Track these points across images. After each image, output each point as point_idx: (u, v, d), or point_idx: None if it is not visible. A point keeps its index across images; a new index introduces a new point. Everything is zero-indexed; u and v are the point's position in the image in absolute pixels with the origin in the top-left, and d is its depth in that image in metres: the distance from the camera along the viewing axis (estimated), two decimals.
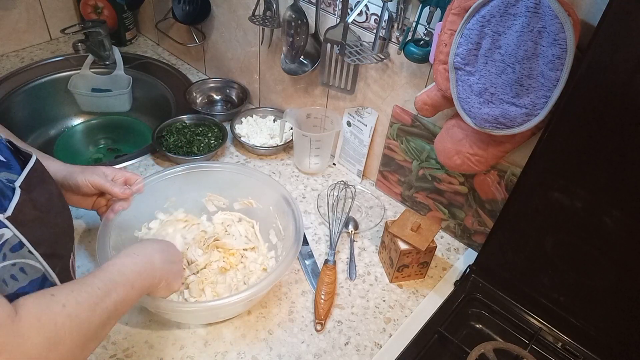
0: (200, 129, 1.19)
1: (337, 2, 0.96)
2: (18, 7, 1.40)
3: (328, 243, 0.98)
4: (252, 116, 1.25)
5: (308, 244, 0.98)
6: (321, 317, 0.83)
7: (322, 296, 0.86)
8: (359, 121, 1.08)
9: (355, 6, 0.91)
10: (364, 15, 0.93)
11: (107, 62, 1.41)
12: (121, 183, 0.83)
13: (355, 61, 0.93)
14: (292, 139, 1.16)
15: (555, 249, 0.80)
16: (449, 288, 0.92)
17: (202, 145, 1.15)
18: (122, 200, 0.82)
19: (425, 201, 1.04)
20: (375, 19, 0.92)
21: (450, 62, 0.74)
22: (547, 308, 0.85)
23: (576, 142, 0.69)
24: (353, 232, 1.00)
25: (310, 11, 1.01)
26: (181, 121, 1.20)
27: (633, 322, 0.76)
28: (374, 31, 0.91)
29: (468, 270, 0.93)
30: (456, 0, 0.72)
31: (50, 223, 0.57)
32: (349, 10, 0.93)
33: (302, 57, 1.07)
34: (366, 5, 0.91)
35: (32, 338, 0.47)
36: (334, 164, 1.20)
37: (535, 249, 0.82)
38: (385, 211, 1.08)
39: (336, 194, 1.06)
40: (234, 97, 1.36)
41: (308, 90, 1.16)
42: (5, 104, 1.28)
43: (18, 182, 0.54)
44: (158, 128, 1.16)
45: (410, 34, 0.85)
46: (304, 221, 1.00)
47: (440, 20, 0.77)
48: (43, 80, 1.37)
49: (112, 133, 1.44)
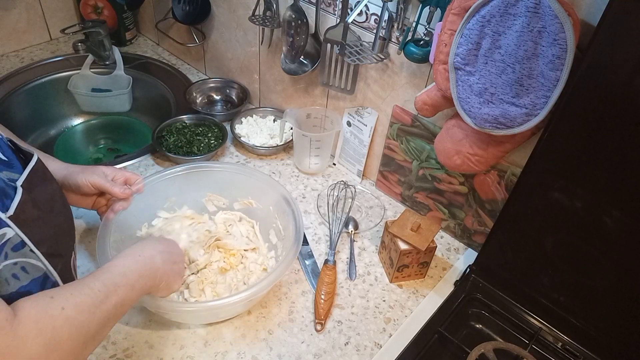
0: (200, 129, 1.19)
1: (337, 2, 0.96)
2: (18, 7, 1.40)
3: (328, 243, 0.98)
4: (252, 116, 1.25)
5: (308, 244, 0.98)
6: (321, 317, 0.84)
7: (322, 296, 0.86)
8: (359, 121, 1.08)
9: (355, 6, 0.91)
10: (364, 15, 0.93)
11: (107, 62, 1.41)
12: (121, 183, 0.83)
13: (355, 61, 0.93)
14: (292, 139, 1.16)
15: (555, 249, 0.80)
16: (449, 288, 0.92)
17: (202, 145, 1.15)
18: (122, 200, 0.82)
19: (425, 201, 1.04)
20: (375, 19, 0.92)
21: (450, 62, 0.74)
22: (547, 308, 0.85)
23: (576, 142, 0.69)
24: (353, 232, 1.00)
25: (310, 11, 1.01)
26: (181, 121, 1.20)
27: (633, 322, 0.76)
28: (374, 31, 0.91)
29: (468, 270, 0.93)
30: (456, 0, 0.72)
31: (51, 222, 0.57)
32: (349, 10, 0.93)
33: (302, 57, 1.07)
34: (366, 5, 0.91)
35: (30, 342, 0.47)
36: (334, 164, 1.20)
37: (535, 249, 0.82)
38: (385, 211, 1.08)
39: (336, 194, 1.06)
40: (234, 97, 1.36)
41: (308, 90, 1.16)
42: (5, 104, 1.29)
43: (20, 181, 0.54)
44: (158, 128, 1.16)
45: (410, 34, 0.85)
46: (304, 221, 1.00)
47: (440, 20, 0.77)
48: (43, 80, 1.37)
49: (112, 133, 1.44)
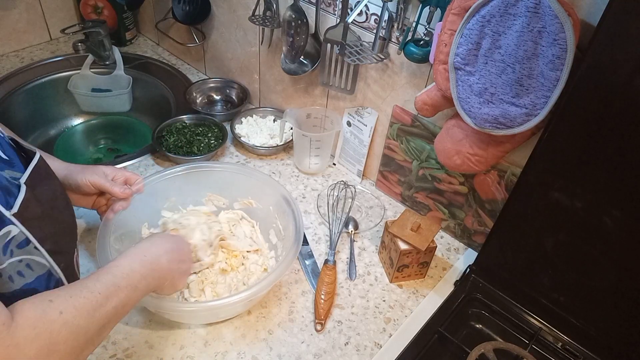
0: (200, 129, 1.19)
1: (337, 2, 0.96)
2: (18, 7, 1.40)
3: (328, 243, 0.98)
4: (252, 116, 1.25)
5: (308, 244, 0.98)
6: (321, 317, 0.83)
7: (322, 296, 0.86)
8: (359, 121, 1.08)
9: (355, 6, 0.91)
10: (364, 15, 0.93)
11: (107, 62, 1.41)
12: (121, 183, 0.83)
13: (355, 61, 0.93)
14: (292, 139, 1.16)
15: (555, 249, 0.80)
16: (449, 288, 0.92)
17: (202, 145, 1.15)
18: (122, 200, 0.82)
19: (425, 201, 1.04)
20: (375, 19, 0.92)
21: (450, 62, 0.74)
22: (547, 308, 0.85)
23: (576, 142, 0.69)
24: (353, 232, 1.00)
25: (310, 11, 1.01)
26: (181, 121, 1.20)
27: (633, 322, 0.76)
28: (374, 31, 0.91)
29: (468, 270, 0.93)
30: (456, 0, 0.72)
31: (54, 219, 0.58)
32: (349, 10, 0.93)
33: (302, 57, 1.07)
34: (366, 5, 0.91)
35: (27, 346, 0.46)
36: (334, 164, 1.20)
37: (535, 249, 0.82)
38: (385, 211, 1.08)
39: (336, 194, 1.06)
40: (234, 97, 1.36)
41: (308, 90, 1.16)
42: (5, 104, 1.29)
43: (23, 179, 0.54)
44: (158, 128, 1.16)
45: (410, 34, 0.85)
46: (304, 221, 1.00)
47: (440, 20, 0.77)
48: (43, 80, 1.37)
49: (112, 133, 1.44)
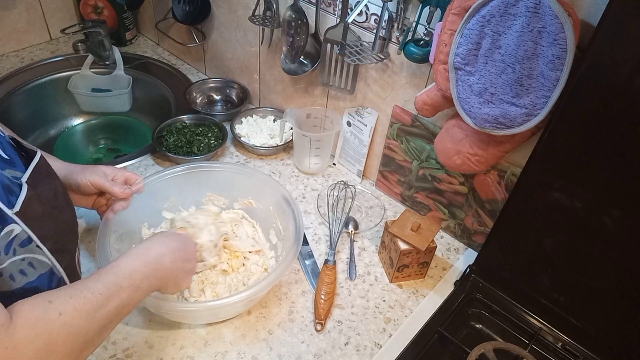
0: (200, 129, 1.19)
1: (337, 2, 0.96)
2: (18, 7, 1.40)
3: (328, 243, 0.98)
4: (252, 116, 1.25)
5: (308, 244, 0.98)
6: (321, 317, 0.83)
7: (322, 296, 0.86)
8: (359, 121, 1.08)
9: (355, 6, 0.91)
10: (364, 15, 0.93)
11: (107, 62, 1.41)
12: (121, 183, 0.83)
13: (355, 61, 0.93)
14: (292, 139, 1.16)
15: (555, 249, 0.80)
16: (449, 288, 0.92)
17: (202, 145, 1.15)
18: (122, 200, 0.82)
19: (425, 201, 1.04)
20: (375, 19, 0.92)
21: (450, 62, 0.74)
22: (547, 308, 0.85)
23: (576, 142, 0.69)
24: (353, 232, 1.00)
25: (310, 11, 1.01)
26: (181, 121, 1.20)
27: (633, 322, 0.76)
28: (374, 31, 0.91)
29: (468, 270, 0.93)
30: (456, 0, 0.72)
31: (56, 218, 0.58)
32: (349, 10, 0.93)
33: (302, 57, 1.07)
34: (366, 5, 0.91)
35: (25, 348, 0.46)
36: (334, 164, 1.20)
37: (535, 249, 0.82)
38: (385, 211, 1.08)
39: (336, 194, 1.06)
40: (234, 97, 1.36)
41: (308, 90, 1.16)
42: (5, 104, 1.29)
43: (24, 178, 0.54)
44: (158, 128, 1.16)
45: (410, 34, 0.85)
46: (304, 221, 1.00)
47: (440, 20, 0.77)
48: (43, 80, 1.37)
49: (112, 133, 1.44)
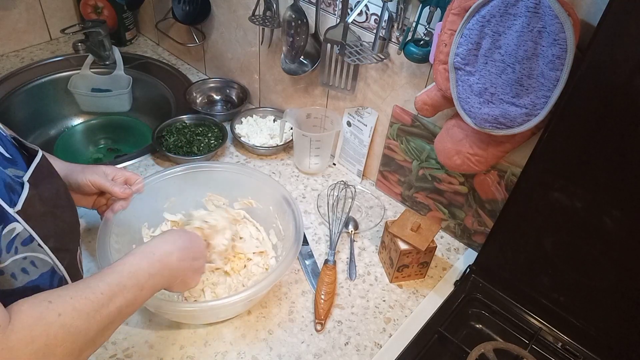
0: (200, 129, 1.19)
1: (337, 2, 0.96)
2: (18, 7, 1.40)
3: (328, 243, 0.98)
4: (252, 116, 1.25)
5: (308, 244, 0.98)
6: (321, 317, 0.83)
7: (322, 296, 0.86)
8: (359, 121, 1.08)
9: (355, 6, 0.91)
10: (364, 15, 0.93)
11: (107, 62, 1.41)
12: (121, 183, 0.83)
13: (355, 61, 0.93)
14: (292, 139, 1.16)
15: (555, 249, 0.80)
16: (449, 288, 0.92)
17: (202, 145, 1.15)
18: (122, 199, 0.82)
19: (425, 201, 1.04)
20: (375, 19, 0.92)
21: (450, 62, 0.74)
22: (547, 308, 0.85)
23: (576, 142, 0.69)
24: (353, 232, 1.00)
25: (310, 11, 1.01)
26: (181, 121, 1.20)
27: (633, 322, 0.76)
28: (374, 31, 0.91)
29: (468, 270, 0.93)
30: (456, 0, 0.72)
31: (57, 217, 0.58)
32: (349, 10, 0.93)
33: (302, 57, 1.07)
34: (366, 5, 0.91)
35: (22, 349, 0.46)
36: (334, 164, 1.20)
37: (535, 249, 0.82)
38: (385, 211, 1.08)
39: (336, 194, 1.06)
40: (234, 97, 1.36)
41: (308, 90, 1.16)
42: (5, 104, 1.29)
43: (26, 177, 0.54)
44: (158, 128, 1.16)
45: (410, 34, 0.85)
46: (304, 221, 1.00)
47: (440, 20, 0.77)
48: (43, 80, 1.37)
49: (112, 133, 1.44)
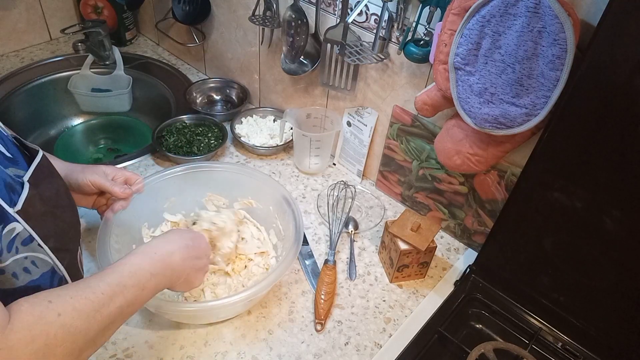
0: (200, 129, 1.19)
1: (337, 2, 0.96)
2: (18, 7, 1.40)
3: (328, 243, 0.98)
4: (252, 116, 1.25)
5: (308, 244, 0.98)
6: (321, 317, 0.83)
7: (322, 296, 0.86)
8: (359, 121, 1.08)
9: (355, 6, 0.91)
10: (364, 15, 0.93)
11: (107, 62, 1.41)
12: (121, 182, 0.83)
13: (355, 61, 0.93)
14: (292, 139, 1.16)
15: (555, 249, 0.80)
16: (449, 288, 0.92)
17: (202, 145, 1.15)
18: (122, 199, 0.82)
19: (425, 201, 1.04)
20: (375, 19, 0.92)
21: (450, 62, 0.74)
22: (547, 308, 0.85)
23: (576, 142, 0.69)
24: (353, 232, 1.00)
25: (310, 11, 1.01)
26: (181, 121, 1.20)
27: (633, 322, 0.76)
28: (374, 31, 0.91)
29: (468, 270, 0.93)
30: (456, 0, 0.72)
31: (58, 217, 0.57)
32: (349, 10, 0.93)
33: (302, 57, 1.07)
34: (366, 5, 0.91)
35: (21, 351, 0.45)
36: (334, 164, 1.20)
37: (535, 249, 0.82)
38: (385, 211, 1.08)
39: (336, 194, 1.06)
40: (234, 97, 1.36)
41: (308, 90, 1.16)
42: (5, 104, 1.29)
43: (26, 177, 0.54)
44: (158, 128, 1.16)
45: (410, 34, 0.85)
46: (304, 221, 1.00)
47: (440, 20, 0.77)
48: (43, 80, 1.37)
49: (112, 133, 1.44)
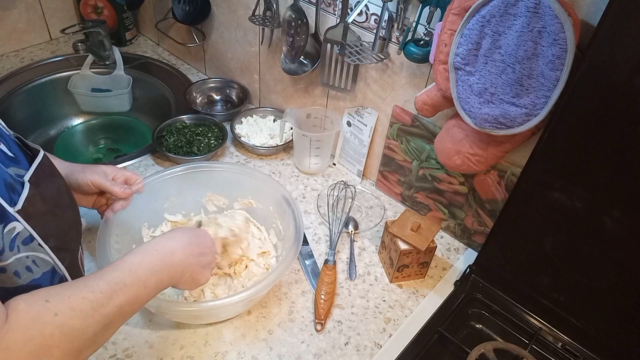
0: (200, 129, 1.19)
1: (337, 2, 0.96)
2: (18, 7, 1.40)
3: (328, 243, 0.98)
4: (252, 116, 1.25)
5: (308, 244, 0.98)
6: (321, 317, 0.83)
7: (322, 296, 0.86)
8: (359, 121, 1.08)
9: (355, 6, 0.91)
10: (364, 15, 0.93)
11: (107, 62, 1.41)
12: (121, 182, 0.83)
13: (355, 61, 0.93)
14: (292, 139, 1.16)
15: (555, 249, 0.80)
16: (449, 288, 0.92)
17: (202, 145, 1.15)
18: (122, 199, 0.82)
19: (425, 201, 1.04)
20: (375, 19, 0.92)
21: (450, 62, 0.74)
22: (547, 308, 0.85)
23: (576, 142, 0.69)
24: (353, 232, 1.00)
25: (310, 11, 1.01)
26: (181, 121, 1.20)
27: (633, 322, 0.76)
28: (374, 31, 0.91)
29: (468, 270, 0.93)
30: (456, 0, 0.72)
31: (58, 217, 0.57)
32: (349, 10, 0.93)
33: (302, 57, 1.07)
34: (366, 5, 0.91)
35: (17, 351, 0.45)
36: (334, 164, 1.20)
37: (535, 249, 0.82)
38: (385, 211, 1.08)
39: (336, 194, 1.06)
40: (234, 97, 1.36)
41: (308, 90, 1.16)
42: (5, 104, 1.29)
43: (27, 177, 0.54)
44: (158, 128, 1.16)
45: (410, 34, 0.85)
46: (304, 221, 1.00)
47: (440, 20, 0.77)
48: (43, 80, 1.37)
49: (112, 133, 1.44)
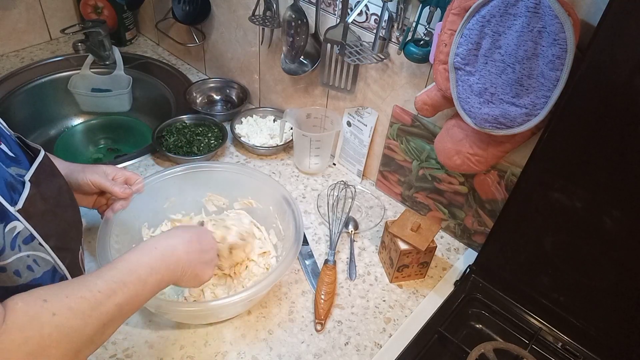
0: (200, 129, 1.19)
1: (337, 2, 0.96)
2: (18, 7, 1.40)
3: (328, 243, 0.98)
4: (252, 116, 1.25)
5: (308, 244, 0.98)
6: (321, 317, 0.83)
7: (322, 296, 0.86)
8: (359, 121, 1.08)
9: (355, 6, 0.91)
10: (364, 15, 0.93)
11: (107, 62, 1.41)
12: (121, 182, 0.83)
13: (355, 61, 0.93)
14: (292, 139, 1.16)
15: (555, 249, 0.80)
16: (449, 288, 0.92)
17: (202, 145, 1.15)
18: (122, 199, 0.82)
19: (425, 201, 1.04)
20: (375, 19, 0.92)
21: (450, 62, 0.74)
22: (547, 308, 0.85)
23: (576, 142, 0.69)
24: (353, 232, 1.00)
25: (310, 11, 1.01)
26: (181, 121, 1.20)
27: (633, 322, 0.76)
28: (374, 31, 0.91)
29: (468, 270, 0.93)
30: (456, 0, 0.72)
31: (59, 216, 0.58)
32: (349, 10, 0.93)
33: (302, 57, 1.07)
34: (366, 5, 0.91)
35: (15, 352, 0.45)
36: (334, 164, 1.20)
37: (535, 249, 0.82)
38: (385, 211, 1.08)
39: (336, 194, 1.06)
40: (234, 97, 1.36)
41: (308, 90, 1.16)
42: (5, 104, 1.29)
43: (28, 176, 0.54)
44: (158, 128, 1.16)
45: (410, 34, 0.85)
46: (304, 221, 1.00)
47: (440, 20, 0.77)
48: (43, 80, 1.37)
49: (112, 133, 1.44)
